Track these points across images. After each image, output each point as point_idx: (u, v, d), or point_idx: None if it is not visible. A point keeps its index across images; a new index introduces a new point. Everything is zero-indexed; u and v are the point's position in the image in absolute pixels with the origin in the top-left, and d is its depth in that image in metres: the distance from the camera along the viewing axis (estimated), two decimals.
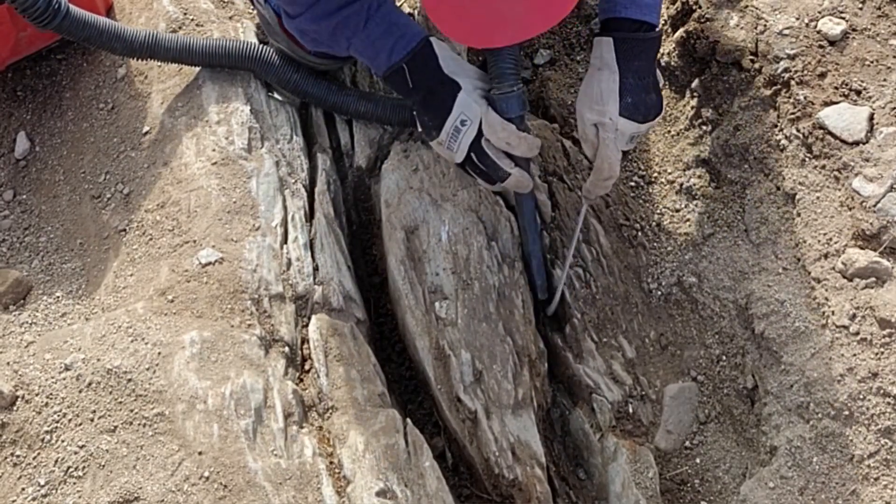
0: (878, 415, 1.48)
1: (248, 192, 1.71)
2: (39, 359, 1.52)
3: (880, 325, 1.52)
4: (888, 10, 1.73)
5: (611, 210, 1.84)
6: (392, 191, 1.76)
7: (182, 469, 1.42)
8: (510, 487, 1.59)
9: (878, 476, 1.47)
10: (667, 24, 1.95)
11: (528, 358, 1.67)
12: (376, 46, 1.65)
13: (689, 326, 1.75)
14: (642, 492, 1.60)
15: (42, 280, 1.78)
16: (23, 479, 1.43)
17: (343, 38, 1.67)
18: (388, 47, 1.64)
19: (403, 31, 1.64)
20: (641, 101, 1.61)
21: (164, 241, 1.69)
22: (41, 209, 1.88)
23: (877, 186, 1.59)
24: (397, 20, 1.65)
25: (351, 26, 1.65)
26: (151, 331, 1.55)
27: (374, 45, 1.65)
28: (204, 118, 1.79)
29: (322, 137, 1.87)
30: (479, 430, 1.60)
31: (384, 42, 1.65)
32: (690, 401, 1.70)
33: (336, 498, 1.45)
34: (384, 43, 1.65)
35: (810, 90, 1.69)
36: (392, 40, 1.64)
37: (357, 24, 1.64)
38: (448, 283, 1.68)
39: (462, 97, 1.61)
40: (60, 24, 1.69)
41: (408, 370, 1.73)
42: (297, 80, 1.81)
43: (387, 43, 1.64)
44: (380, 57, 1.66)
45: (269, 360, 1.56)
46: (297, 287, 1.65)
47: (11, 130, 1.97)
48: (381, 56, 1.65)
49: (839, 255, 1.59)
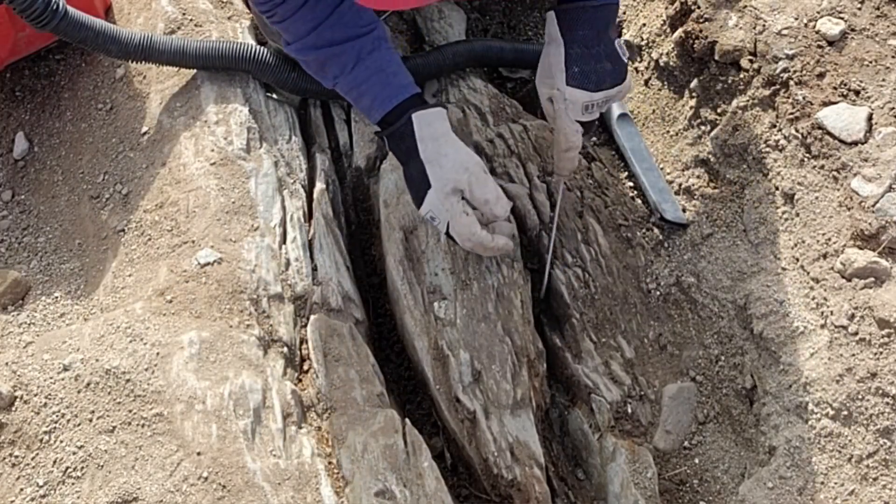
0: (876, 415, 1.48)
1: (247, 192, 1.71)
2: (38, 359, 1.52)
3: (879, 325, 1.52)
4: (887, 10, 1.73)
5: (610, 210, 1.85)
6: (391, 191, 1.76)
7: (181, 469, 1.42)
8: (509, 488, 1.59)
9: (877, 476, 1.47)
10: (665, 25, 1.95)
11: (526, 358, 1.67)
12: (360, 91, 1.63)
13: (687, 326, 1.75)
14: (641, 492, 1.60)
15: (41, 280, 1.78)
16: (21, 479, 1.43)
17: (330, 74, 1.65)
18: (372, 95, 1.61)
19: (389, 81, 1.61)
20: (591, 69, 1.58)
21: (162, 241, 1.69)
22: (40, 209, 1.88)
23: (875, 186, 1.59)
24: (387, 68, 1.62)
25: (339, 65, 1.62)
26: (150, 331, 1.55)
27: (359, 89, 1.63)
28: (202, 118, 1.79)
29: (321, 138, 1.87)
30: (478, 431, 1.60)
31: (369, 90, 1.61)
32: (689, 401, 1.70)
33: (335, 498, 1.45)
34: (369, 90, 1.61)
35: (809, 90, 1.69)
36: (378, 89, 1.60)
37: (346, 65, 1.62)
38: (447, 283, 1.68)
39: (430, 196, 1.57)
40: (58, 25, 1.69)
41: (406, 370, 1.72)
42: (295, 78, 1.81)
43: (371, 90, 1.61)
44: (362, 102, 1.64)
45: (268, 361, 1.56)
46: (295, 287, 1.65)
47: (10, 131, 1.97)
48: (363, 101, 1.63)
49: (838, 256, 1.59)
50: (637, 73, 2.02)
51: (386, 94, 1.61)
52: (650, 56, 1.98)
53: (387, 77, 1.61)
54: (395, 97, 1.60)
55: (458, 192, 1.57)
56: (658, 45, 1.96)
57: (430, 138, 1.58)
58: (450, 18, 1.99)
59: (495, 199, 1.59)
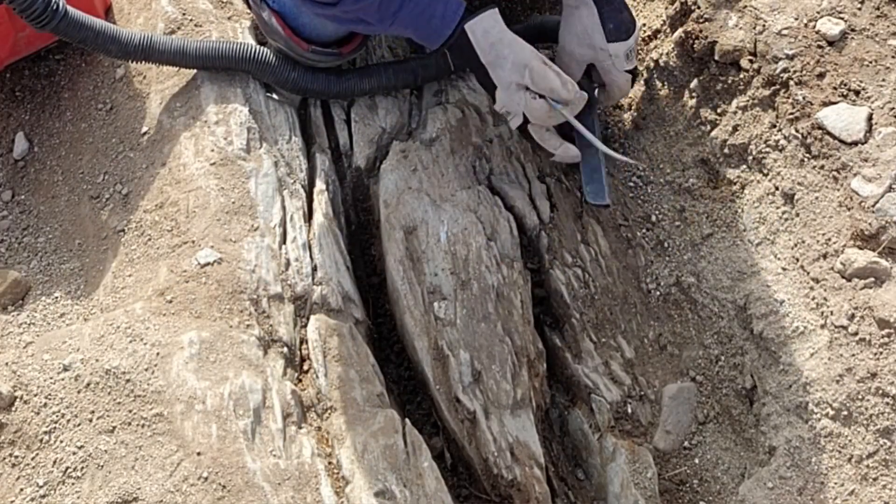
0: (876, 415, 1.48)
1: (247, 192, 1.71)
2: (38, 359, 1.52)
3: (879, 326, 1.51)
4: (887, 10, 1.73)
5: (609, 210, 1.84)
6: (391, 191, 1.76)
7: (181, 469, 1.42)
8: (509, 488, 1.59)
9: (877, 476, 1.47)
10: (665, 25, 1.95)
11: (526, 358, 1.67)
12: (425, 15, 1.68)
13: (687, 327, 1.75)
14: (641, 492, 1.60)
15: (40, 280, 1.78)
16: (21, 479, 1.43)
17: (389, 12, 1.68)
18: (439, 14, 1.67)
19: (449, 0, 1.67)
20: (620, 21, 1.74)
21: (162, 241, 1.69)
22: (40, 210, 1.88)
23: (875, 187, 1.59)
24: None
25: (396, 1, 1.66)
26: (150, 331, 1.55)
27: (423, 14, 1.68)
28: (202, 118, 1.79)
29: (321, 138, 1.87)
30: (478, 431, 1.60)
31: (433, 10, 1.67)
32: (689, 401, 1.70)
33: (335, 498, 1.45)
34: (433, 10, 1.67)
35: (809, 90, 1.69)
36: (441, 6, 1.67)
37: None
38: (447, 283, 1.68)
39: (500, 95, 1.70)
40: (58, 25, 1.69)
41: (406, 370, 1.72)
42: (296, 78, 1.81)
43: (436, 10, 1.67)
44: (430, 25, 1.69)
45: (268, 361, 1.56)
46: (295, 287, 1.65)
47: (10, 131, 1.97)
48: (432, 24, 1.69)
49: (838, 256, 1.59)
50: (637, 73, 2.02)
51: (450, 11, 1.68)
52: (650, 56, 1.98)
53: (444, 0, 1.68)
54: (455, 14, 1.68)
55: (522, 88, 1.67)
56: (658, 45, 1.96)
57: (487, 45, 1.68)
58: None
59: (560, 85, 1.67)
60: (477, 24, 1.67)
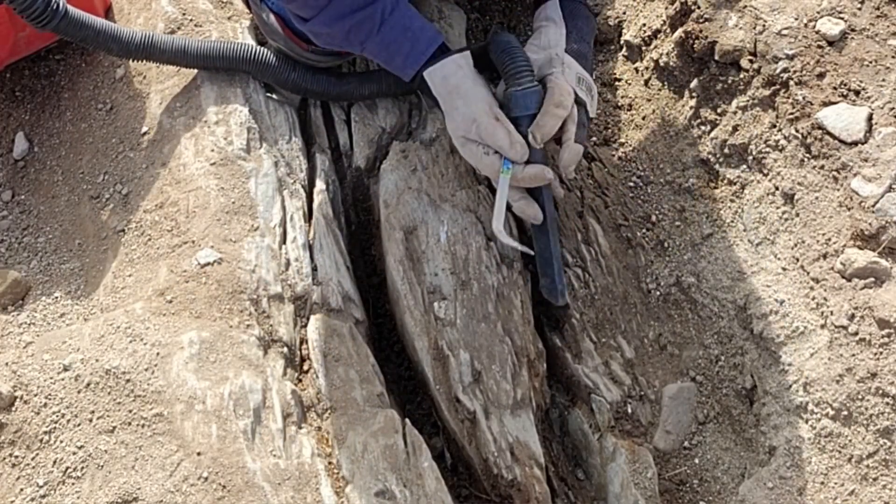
0: (876, 415, 1.48)
1: (247, 192, 1.71)
2: (38, 359, 1.52)
3: (879, 326, 1.52)
4: (887, 10, 1.73)
5: (609, 210, 1.85)
6: (391, 191, 1.76)
7: (181, 469, 1.42)
8: (509, 488, 1.59)
9: (877, 476, 1.47)
10: (665, 25, 1.95)
11: (526, 358, 1.67)
12: (391, 51, 1.66)
13: (687, 326, 1.75)
14: (641, 492, 1.60)
15: (41, 280, 1.78)
16: (21, 479, 1.43)
17: (357, 41, 1.67)
18: (404, 53, 1.65)
19: (418, 37, 1.65)
20: (583, 55, 1.70)
21: (162, 241, 1.69)
22: (40, 210, 1.88)
23: (875, 186, 1.59)
24: (411, 24, 1.65)
25: (365, 30, 1.65)
26: (150, 331, 1.55)
27: (389, 49, 1.66)
28: (202, 118, 1.79)
29: (321, 138, 1.87)
30: (478, 431, 1.60)
31: (399, 47, 1.65)
32: (689, 401, 1.70)
33: (335, 498, 1.45)
34: (399, 48, 1.65)
35: (809, 90, 1.69)
36: (408, 45, 1.65)
37: (371, 29, 1.64)
38: (447, 283, 1.68)
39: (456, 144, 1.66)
40: (59, 24, 1.69)
41: (406, 370, 1.73)
42: (296, 79, 1.81)
43: (402, 48, 1.65)
44: (395, 62, 1.68)
45: (268, 361, 1.56)
46: (295, 287, 1.65)
47: (10, 131, 1.97)
48: (396, 61, 1.67)
49: (838, 256, 1.59)
50: (637, 73, 2.02)
51: (416, 52, 1.65)
52: (650, 56, 1.98)
53: (414, 34, 1.65)
54: (421, 55, 1.65)
55: (473, 141, 1.62)
56: (658, 45, 1.96)
57: (444, 92, 1.64)
58: (450, 18, 1.99)
59: (509, 146, 1.59)
60: (436, 72, 1.63)
